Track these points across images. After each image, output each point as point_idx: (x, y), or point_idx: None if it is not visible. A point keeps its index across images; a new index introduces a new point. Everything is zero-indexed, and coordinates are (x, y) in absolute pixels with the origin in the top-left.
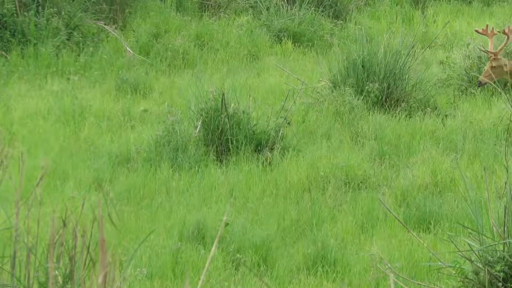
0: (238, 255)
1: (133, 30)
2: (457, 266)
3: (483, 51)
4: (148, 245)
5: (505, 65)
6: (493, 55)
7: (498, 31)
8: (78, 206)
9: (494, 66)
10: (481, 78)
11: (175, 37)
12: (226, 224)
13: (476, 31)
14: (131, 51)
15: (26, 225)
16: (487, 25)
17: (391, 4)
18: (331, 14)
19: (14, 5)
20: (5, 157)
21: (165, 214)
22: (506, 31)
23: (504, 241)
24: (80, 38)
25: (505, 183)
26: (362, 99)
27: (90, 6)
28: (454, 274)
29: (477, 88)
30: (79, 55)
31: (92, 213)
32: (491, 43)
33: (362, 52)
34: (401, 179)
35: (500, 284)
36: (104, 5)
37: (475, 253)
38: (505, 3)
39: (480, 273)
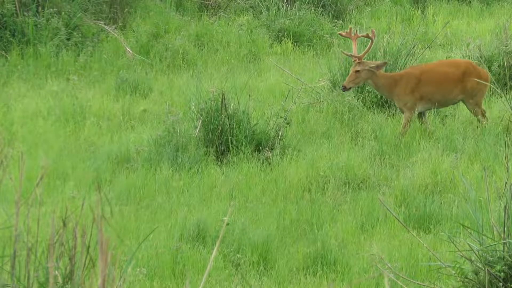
0: (238, 255)
1: (133, 30)
2: (457, 266)
3: (347, 55)
4: (148, 245)
5: (371, 68)
6: (357, 59)
7: (362, 35)
8: (78, 206)
9: (359, 70)
10: (345, 82)
11: (175, 37)
12: (227, 224)
13: (340, 34)
14: (131, 51)
15: (26, 225)
16: (350, 28)
17: (391, 4)
18: (331, 14)
19: (14, 5)
20: (5, 157)
21: (165, 214)
22: (370, 34)
23: (504, 241)
24: (80, 38)
25: (505, 183)
26: (362, 99)
27: (90, 6)
28: (454, 274)
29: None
30: (79, 55)
31: (92, 213)
32: (355, 47)
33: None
34: (401, 179)
35: (500, 284)
36: (104, 5)
37: (475, 253)
38: (505, 3)
39: (480, 273)
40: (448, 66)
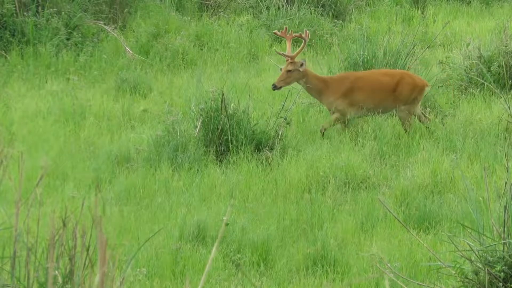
0: (238, 255)
1: (133, 30)
2: (457, 266)
3: (280, 54)
4: (148, 245)
5: (301, 66)
6: (290, 58)
7: (295, 35)
8: (78, 206)
9: (291, 70)
10: (276, 81)
11: (175, 37)
12: (226, 224)
13: (275, 33)
14: (130, 51)
15: (26, 225)
16: (285, 28)
17: (391, 4)
18: (331, 14)
19: (14, 5)
20: (5, 157)
21: (165, 214)
22: (304, 35)
23: (504, 241)
24: (80, 38)
25: (505, 183)
26: None
27: (90, 6)
28: (454, 274)
29: (477, 88)
30: (78, 55)
31: (91, 213)
32: (289, 46)
33: (363, 52)
34: (401, 179)
35: (500, 284)
36: (104, 5)
37: (475, 253)
38: (505, 3)
39: (480, 273)
40: (382, 75)
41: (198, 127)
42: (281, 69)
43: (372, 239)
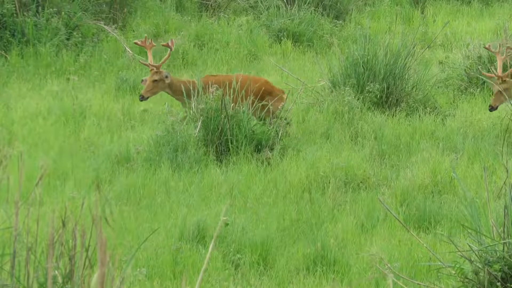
0: (238, 255)
1: (133, 30)
2: (457, 266)
3: (144, 64)
4: (148, 245)
5: (166, 78)
6: (154, 68)
7: (163, 44)
8: (78, 206)
9: (156, 80)
10: (143, 92)
11: (174, 37)
12: (226, 224)
13: (135, 43)
14: (130, 51)
15: (26, 225)
16: (145, 37)
17: (391, 4)
18: (331, 14)
19: (14, 5)
20: (5, 157)
21: (165, 214)
22: (170, 44)
23: (504, 241)
24: (80, 38)
25: (504, 183)
26: (362, 99)
27: (90, 6)
28: (454, 274)
29: (477, 88)
30: (78, 55)
31: (91, 213)
32: (150, 56)
33: (363, 52)
34: (401, 179)
35: (499, 284)
36: (104, 5)
37: (475, 253)
38: (505, 3)
39: (480, 273)
40: (245, 80)
41: (198, 127)
42: (142, 80)
43: (372, 239)
